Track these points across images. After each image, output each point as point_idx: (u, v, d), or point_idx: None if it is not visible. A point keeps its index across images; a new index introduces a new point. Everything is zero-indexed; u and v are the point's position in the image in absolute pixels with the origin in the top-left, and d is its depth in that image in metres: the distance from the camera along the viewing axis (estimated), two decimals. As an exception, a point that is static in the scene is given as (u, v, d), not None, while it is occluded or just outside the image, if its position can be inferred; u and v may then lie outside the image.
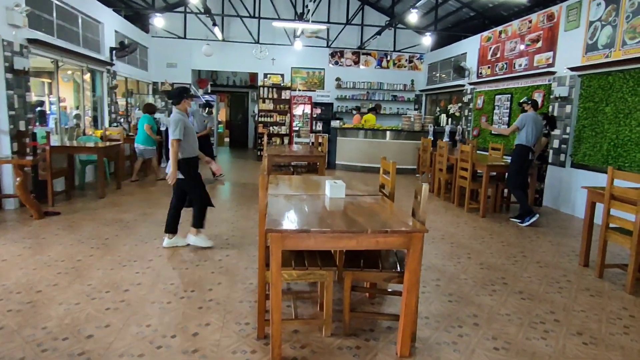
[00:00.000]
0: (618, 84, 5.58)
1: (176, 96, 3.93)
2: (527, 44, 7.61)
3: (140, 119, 7.45)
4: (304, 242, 2.15)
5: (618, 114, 5.57)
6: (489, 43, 8.93)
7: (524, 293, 3.36)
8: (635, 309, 3.15)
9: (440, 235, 4.90)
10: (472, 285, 3.48)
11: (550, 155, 6.71)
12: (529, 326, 2.81)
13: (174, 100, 3.95)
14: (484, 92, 9.04)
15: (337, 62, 12.44)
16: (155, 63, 11.38)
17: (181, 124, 3.80)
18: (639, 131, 5.25)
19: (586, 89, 6.14)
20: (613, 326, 2.87)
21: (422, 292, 3.27)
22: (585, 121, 6.13)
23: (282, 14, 11.41)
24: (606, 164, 5.69)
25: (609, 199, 3.61)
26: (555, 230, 5.38)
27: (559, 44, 6.79)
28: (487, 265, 3.95)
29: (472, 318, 2.89)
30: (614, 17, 5.67)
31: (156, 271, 3.48)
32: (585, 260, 4.06)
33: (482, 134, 9.02)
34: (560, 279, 3.72)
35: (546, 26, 7.10)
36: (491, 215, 6.01)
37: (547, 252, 4.46)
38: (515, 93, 7.88)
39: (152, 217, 5.19)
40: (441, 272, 3.74)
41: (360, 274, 2.47)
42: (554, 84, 6.77)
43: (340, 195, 2.91)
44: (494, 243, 4.69)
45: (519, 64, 7.85)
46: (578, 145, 6.26)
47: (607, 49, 5.77)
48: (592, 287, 3.56)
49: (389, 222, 2.34)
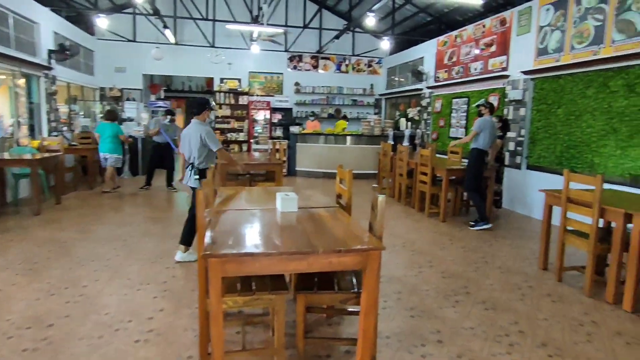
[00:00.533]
0: (568, 87, 5.71)
1: (199, 106, 3.94)
2: (482, 48, 7.72)
3: (105, 127, 7.03)
4: (247, 267, 1.89)
5: (569, 116, 5.69)
6: (445, 47, 9.03)
7: (487, 303, 3.25)
8: (596, 314, 3.11)
9: (402, 243, 4.77)
10: (435, 296, 3.34)
11: (507, 157, 6.80)
12: (494, 340, 2.69)
13: (196, 110, 3.94)
14: (441, 95, 9.11)
15: (295, 66, 12.24)
16: (102, 67, 10.72)
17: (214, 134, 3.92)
18: (590, 132, 5.38)
19: (539, 92, 6.26)
20: (576, 334, 2.81)
21: (383, 307, 3.09)
22: (539, 123, 6.24)
23: (238, 16, 11.08)
24: (560, 165, 5.79)
25: (566, 202, 3.59)
26: (513, 232, 5.39)
27: (511, 48, 6.91)
28: (449, 274, 3.84)
29: (436, 334, 2.73)
30: (563, 23, 5.81)
31: (90, 299, 3.09)
32: (544, 264, 4.04)
33: (441, 138, 9.08)
34: (522, 284, 3.65)
35: (499, 31, 7.22)
36: (451, 219, 5.97)
37: (507, 256, 4.42)
38: (472, 96, 7.98)
39: (92, 235, 4.74)
40: (403, 284, 3.58)
41: (314, 297, 2.25)
42: (508, 88, 6.88)
43: (293, 209, 2.68)
44: (454, 249, 4.61)
45: (474, 68, 7.96)
46: (533, 147, 6.36)
47: (557, 53, 5.89)
48: (553, 292, 3.52)
49: (344, 238, 2.13)
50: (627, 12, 4.89)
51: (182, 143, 3.96)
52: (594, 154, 5.31)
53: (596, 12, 5.30)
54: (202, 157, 3.84)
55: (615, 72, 5.05)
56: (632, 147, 4.82)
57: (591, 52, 5.34)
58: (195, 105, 4.00)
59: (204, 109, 3.93)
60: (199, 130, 3.80)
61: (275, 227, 2.36)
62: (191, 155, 3.86)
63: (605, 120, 5.16)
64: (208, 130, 3.83)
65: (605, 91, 5.16)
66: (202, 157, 3.84)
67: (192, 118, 3.97)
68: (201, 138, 3.76)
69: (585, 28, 5.44)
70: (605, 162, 5.15)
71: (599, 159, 5.24)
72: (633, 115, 4.81)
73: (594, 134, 5.32)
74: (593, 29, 5.33)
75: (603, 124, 5.18)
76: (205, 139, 3.78)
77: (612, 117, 5.07)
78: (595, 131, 5.30)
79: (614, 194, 3.79)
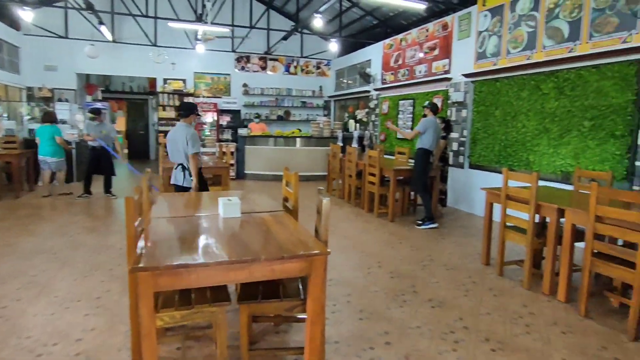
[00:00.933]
0: (505, 89, 6.00)
1: (187, 110, 4.08)
2: (426, 52, 7.95)
3: (44, 130, 6.71)
4: (183, 280, 1.76)
5: (506, 117, 5.99)
6: (391, 50, 9.22)
7: (433, 301, 3.30)
8: (534, 306, 3.26)
9: (352, 244, 4.77)
10: (384, 297, 3.34)
11: (451, 157, 7.04)
12: (440, 338, 2.72)
13: (184, 112, 4.08)
14: (388, 97, 9.30)
15: (243, 67, 11.99)
16: (29, 65, 9.87)
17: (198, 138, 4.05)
18: (524, 132, 5.68)
19: (478, 94, 6.54)
20: (516, 326, 2.91)
21: (332, 311, 3.04)
22: (479, 124, 6.51)
23: (181, 14, 10.66)
24: (499, 163, 6.08)
25: (505, 199, 3.74)
26: (457, 230, 5.57)
27: (453, 51, 7.17)
28: (397, 274, 3.87)
29: (384, 336, 2.72)
30: (499, 28, 6.10)
31: (9, 321, 2.78)
32: (486, 260, 4.19)
33: (388, 139, 9.26)
34: (466, 281, 3.76)
35: (442, 35, 7.47)
36: (400, 218, 6.08)
37: (452, 253, 4.55)
38: (417, 98, 8.19)
39: (17, 248, 4.30)
40: (352, 286, 3.56)
41: (259, 306, 2.14)
42: (451, 90, 7.13)
43: (236, 215, 2.55)
44: (403, 248, 4.68)
45: (419, 71, 8.18)
46: (474, 147, 6.63)
47: (494, 57, 6.19)
48: (495, 286, 3.65)
49: (289, 244, 2.05)
50: (555, 19, 5.22)
51: (168, 145, 4.10)
52: (529, 152, 5.62)
53: (528, 19, 5.61)
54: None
55: (546, 75, 5.37)
56: (563, 146, 5.14)
57: (525, 57, 5.65)
58: (183, 108, 4.13)
59: (192, 112, 4.11)
60: (185, 132, 3.98)
61: (216, 235, 2.23)
62: (177, 156, 4.04)
63: (538, 120, 5.47)
64: (193, 133, 4.02)
65: (538, 93, 5.47)
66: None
67: (180, 120, 4.11)
68: (186, 140, 3.93)
69: (519, 34, 5.75)
70: (539, 160, 5.47)
71: (534, 157, 5.55)
72: (563, 115, 5.14)
73: (528, 134, 5.63)
74: (526, 35, 5.64)
75: (536, 124, 5.50)
76: (188, 140, 3.94)
77: (544, 118, 5.38)
78: (529, 131, 5.61)
79: (548, 191, 4.00)
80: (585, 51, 4.82)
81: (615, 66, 4.52)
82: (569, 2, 5.04)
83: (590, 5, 4.80)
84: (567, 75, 5.08)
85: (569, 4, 5.04)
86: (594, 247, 2.98)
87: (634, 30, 4.34)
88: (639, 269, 2.68)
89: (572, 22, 5.01)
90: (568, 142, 5.07)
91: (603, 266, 2.95)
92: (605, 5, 4.62)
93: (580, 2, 4.91)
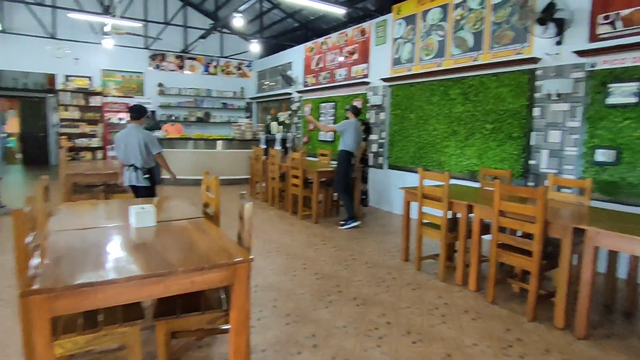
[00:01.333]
0: (418, 94, 6.38)
1: (139, 112, 4.29)
2: (345, 56, 8.17)
3: None
4: (87, 301, 1.57)
5: (419, 120, 6.36)
6: (313, 53, 9.33)
7: (357, 299, 3.38)
8: (448, 296, 3.48)
9: (276, 248, 4.71)
10: (310, 299, 3.34)
11: (371, 158, 7.31)
12: (365, 335, 2.78)
13: (136, 115, 4.26)
14: (310, 100, 9.39)
15: (158, 65, 11.32)
16: None
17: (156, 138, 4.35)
18: (435, 135, 6.09)
19: (395, 98, 6.87)
20: (433, 317, 3.08)
21: (258, 318, 2.97)
22: (396, 127, 6.84)
23: (85, 4, 9.74)
24: (414, 164, 6.44)
25: (421, 197, 3.96)
26: (379, 229, 5.79)
27: (371, 56, 7.45)
28: (322, 275, 3.90)
29: (311, 339, 2.71)
30: (413, 36, 6.47)
31: None
32: (405, 255, 4.39)
33: (311, 141, 9.36)
34: (386, 277, 3.90)
35: (360, 40, 7.73)
36: (324, 220, 6.15)
37: (373, 251, 4.70)
38: (338, 101, 8.38)
39: None
40: (278, 290, 3.51)
41: (177, 322, 2.00)
42: (370, 93, 7.40)
43: (150, 224, 2.37)
44: (327, 249, 4.73)
45: (339, 74, 8.38)
46: (392, 149, 6.95)
47: (408, 64, 6.54)
48: (413, 280, 3.84)
49: (209, 253, 1.94)
50: (461, 30, 5.67)
51: (117, 145, 4.22)
52: (440, 153, 6.03)
53: (438, 28, 6.03)
54: (147, 157, 4.21)
55: (454, 82, 5.80)
56: (468, 147, 5.59)
57: (435, 64, 6.06)
58: (135, 111, 4.28)
59: (143, 115, 4.33)
60: (140, 133, 4.17)
61: (127, 247, 2.04)
62: (131, 157, 4.17)
63: (447, 123, 5.90)
64: (150, 134, 4.27)
65: (447, 98, 5.90)
66: (147, 157, 4.21)
67: (131, 122, 4.28)
68: (144, 141, 4.15)
69: (431, 42, 6.15)
70: (449, 160, 5.89)
71: (444, 157, 5.96)
72: (468, 119, 5.59)
73: (438, 136, 6.04)
74: (437, 43, 6.05)
75: (445, 127, 5.92)
76: (148, 142, 4.19)
77: (452, 121, 5.81)
78: (439, 133, 6.02)
79: (458, 189, 4.31)
80: (487, 60, 5.30)
81: (512, 75, 5.03)
82: (473, 15, 5.51)
83: (490, 19, 5.28)
84: (472, 82, 5.54)
85: (473, 17, 5.51)
86: (498, 238, 3.27)
87: (526, 43, 4.86)
88: (535, 257, 2.99)
89: (475, 34, 5.48)
90: (473, 143, 5.53)
91: (506, 256, 3.25)
92: (502, 19, 5.13)
93: (482, 15, 5.39)
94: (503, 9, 5.11)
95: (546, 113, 4.66)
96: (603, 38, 4.15)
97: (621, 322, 3.10)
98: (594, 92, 4.23)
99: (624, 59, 3.99)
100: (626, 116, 3.99)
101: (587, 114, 4.29)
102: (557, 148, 4.56)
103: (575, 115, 4.39)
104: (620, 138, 4.04)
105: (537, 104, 4.76)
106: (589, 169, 4.29)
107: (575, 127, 4.39)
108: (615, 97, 4.06)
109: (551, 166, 4.63)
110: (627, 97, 3.97)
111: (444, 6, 5.92)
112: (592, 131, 4.26)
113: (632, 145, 3.96)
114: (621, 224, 2.82)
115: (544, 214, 2.91)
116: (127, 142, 4.19)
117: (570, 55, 4.36)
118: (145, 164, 4.22)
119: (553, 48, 4.52)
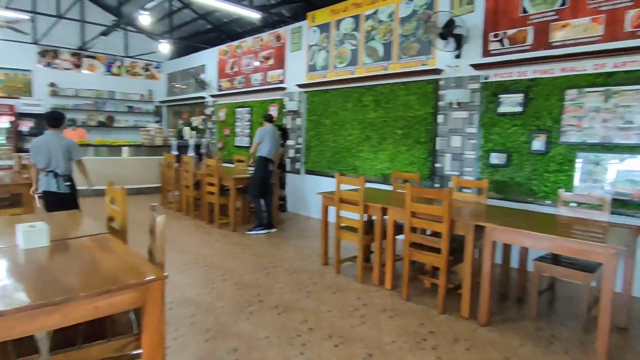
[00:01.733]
0: (333, 100, 6.55)
1: (58, 119, 4.24)
2: (261, 61, 8.10)
3: None
4: (-40, 340, 1.33)
5: (335, 126, 6.54)
6: (227, 57, 9.10)
7: (279, 307, 3.34)
8: (366, 297, 3.60)
9: (193, 259, 4.49)
10: (230, 311, 3.22)
11: (288, 164, 7.32)
12: (287, 344, 2.75)
13: (55, 123, 4.19)
14: (225, 104, 9.14)
15: (50, 63, 10.16)
16: None
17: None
18: (350, 140, 6.30)
19: (311, 103, 6.97)
20: (353, 318, 3.16)
21: (174, 337, 2.78)
22: (312, 132, 6.95)
23: (-45, -9, 8.41)
24: (330, 169, 6.59)
25: (339, 202, 4.05)
26: (297, 234, 5.81)
27: (287, 62, 7.48)
28: (242, 285, 3.80)
29: (233, 353, 2.61)
30: (327, 44, 6.63)
31: None
32: (325, 259, 4.46)
33: (226, 147, 9.11)
34: (307, 282, 3.92)
35: (276, 45, 7.72)
36: (242, 227, 6.01)
37: (293, 257, 4.70)
38: (254, 106, 8.27)
39: None
40: (196, 305, 3.33)
41: (79, 354, 1.78)
42: (286, 99, 7.42)
43: (42, 244, 2.09)
44: (246, 257, 4.62)
45: (255, 79, 8.27)
46: (309, 154, 7.04)
47: (323, 70, 6.69)
48: (333, 284, 3.90)
49: (116, 273, 1.77)
50: (372, 40, 5.94)
51: (35, 152, 4.10)
52: (355, 158, 6.25)
53: (351, 38, 6.25)
54: (69, 164, 4.18)
55: (366, 89, 6.06)
56: (381, 152, 5.88)
57: (349, 72, 6.27)
58: (54, 118, 4.22)
59: (62, 122, 4.31)
60: (63, 141, 4.14)
61: (14, 273, 1.78)
62: (52, 163, 4.10)
63: (361, 129, 6.14)
64: (71, 141, 4.23)
65: (360, 105, 6.14)
66: (69, 164, 4.18)
67: (49, 129, 4.18)
68: (67, 148, 4.13)
69: (344, 50, 6.35)
70: (363, 164, 6.13)
71: (359, 162, 6.19)
72: (380, 125, 5.87)
73: (353, 141, 6.26)
74: (350, 52, 6.27)
75: (359, 132, 6.15)
76: (71, 149, 4.19)
77: (366, 127, 6.07)
78: (354, 139, 6.24)
79: (373, 192, 4.50)
80: (396, 70, 5.63)
81: (419, 84, 5.40)
82: (383, 26, 5.81)
83: (398, 31, 5.62)
84: (383, 90, 5.84)
85: (383, 29, 5.81)
86: (410, 238, 3.46)
87: (430, 55, 5.25)
88: (443, 254, 3.23)
89: (385, 44, 5.78)
90: (385, 148, 5.82)
91: (418, 254, 3.45)
92: (409, 32, 5.48)
93: (391, 27, 5.70)
94: (410, 22, 5.47)
95: (448, 120, 5.08)
96: (494, 54, 4.65)
97: (515, 308, 3.48)
98: (487, 102, 4.71)
99: (510, 73, 4.52)
100: (513, 123, 4.51)
101: (483, 121, 4.76)
102: (459, 152, 4.99)
103: (472, 122, 4.84)
104: (509, 142, 4.55)
105: (440, 111, 5.17)
106: (485, 170, 4.76)
107: (473, 132, 4.84)
108: (504, 106, 4.57)
109: (454, 169, 5.05)
110: (514, 107, 4.49)
111: (356, 17, 6.16)
112: (487, 136, 4.74)
113: (519, 149, 4.48)
114: (511, 219, 3.17)
115: (449, 213, 3.16)
116: (49, 148, 4.11)
117: (468, 68, 4.81)
118: (67, 170, 4.19)
119: (453, 61, 4.95)
